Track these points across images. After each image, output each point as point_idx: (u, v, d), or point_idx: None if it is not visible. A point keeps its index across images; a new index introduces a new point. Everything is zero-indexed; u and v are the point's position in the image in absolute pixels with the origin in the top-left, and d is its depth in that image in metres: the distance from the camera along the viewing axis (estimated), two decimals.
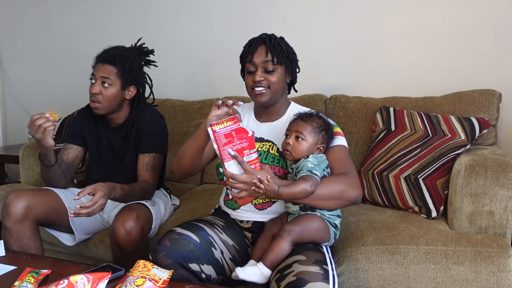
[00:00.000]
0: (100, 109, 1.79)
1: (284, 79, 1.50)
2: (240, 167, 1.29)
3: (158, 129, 1.85)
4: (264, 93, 1.46)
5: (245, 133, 1.29)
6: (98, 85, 1.76)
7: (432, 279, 1.44)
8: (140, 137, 1.83)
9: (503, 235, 1.54)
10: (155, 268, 1.20)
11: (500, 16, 2.08)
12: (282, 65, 1.47)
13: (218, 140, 1.28)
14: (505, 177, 1.54)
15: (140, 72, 1.88)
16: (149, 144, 1.81)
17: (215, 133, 1.27)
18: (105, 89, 1.75)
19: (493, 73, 2.11)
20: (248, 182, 1.27)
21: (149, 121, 1.84)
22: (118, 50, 1.79)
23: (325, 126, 1.41)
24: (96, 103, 1.77)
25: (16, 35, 3.29)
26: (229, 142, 1.28)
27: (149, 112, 1.88)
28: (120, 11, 2.91)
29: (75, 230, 1.74)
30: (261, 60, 1.46)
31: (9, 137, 3.42)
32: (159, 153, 1.83)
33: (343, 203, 1.37)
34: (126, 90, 1.81)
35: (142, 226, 1.60)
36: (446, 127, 1.82)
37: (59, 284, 1.08)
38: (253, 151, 1.30)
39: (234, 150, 1.28)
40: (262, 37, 1.50)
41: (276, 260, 1.27)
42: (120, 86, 1.78)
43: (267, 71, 1.46)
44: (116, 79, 1.76)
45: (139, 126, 1.84)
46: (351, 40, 2.36)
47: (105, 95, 1.76)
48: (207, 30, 2.69)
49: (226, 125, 1.28)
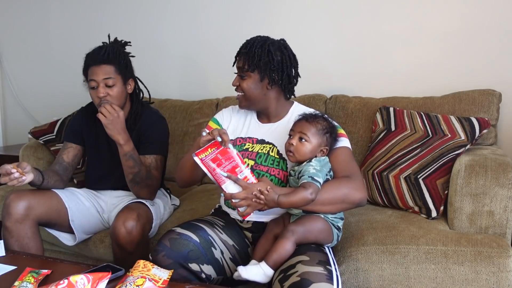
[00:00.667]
0: None
1: (259, 85, 1.48)
2: (237, 186, 1.31)
3: (160, 130, 1.85)
4: (240, 99, 1.53)
5: (230, 153, 1.32)
6: (103, 87, 1.71)
7: (432, 279, 1.44)
8: (141, 138, 1.82)
9: (503, 235, 1.54)
10: (155, 268, 1.20)
11: (500, 16, 2.08)
12: (255, 72, 1.47)
13: (207, 166, 1.31)
14: (505, 177, 1.54)
15: (131, 64, 1.86)
16: (151, 145, 1.80)
17: (203, 160, 1.31)
18: (111, 89, 1.73)
19: (493, 73, 2.10)
20: (249, 197, 1.29)
21: (151, 122, 1.84)
22: (106, 48, 1.76)
23: (330, 128, 1.40)
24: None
25: (16, 35, 3.29)
26: (218, 165, 1.31)
27: (151, 113, 1.88)
28: (120, 11, 2.91)
29: (75, 230, 1.74)
30: (238, 66, 1.51)
31: (9, 137, 3.41)
32: (161, 155, 1.83)
33: (347, 207, 1.37)
34: (127, 85, 1.81)
35: (143, 225, 1.60)
36: (446, 127, 1.82)
37: (59, 284, 1.08)
38: (245, 167, 1.33)
39: (226, 171, 1.31)
40: (244, 44, 1.52)
41: (279, 260, 1.28)
42: (122, 82, 1.77)
43: (242, 77, 1.49)
44: (117, 76, 1.74)
45: (141, 127, 1.82)
46: (351, 40, 2.36)
47: (113, 95, 1.73)
48: (206, 30, 2.69)
49: (211, 151, 1.31)
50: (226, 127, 1.61)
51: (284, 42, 1.54)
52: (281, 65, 1.49)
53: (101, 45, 1.80)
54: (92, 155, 1.92)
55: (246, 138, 1.56)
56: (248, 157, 1.49)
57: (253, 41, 1.49)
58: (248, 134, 1.56)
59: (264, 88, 1.50)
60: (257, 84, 1.48)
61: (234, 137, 1.58)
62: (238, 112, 1.64)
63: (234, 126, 1.61)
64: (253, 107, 1.54)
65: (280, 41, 1.53)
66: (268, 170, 1.46)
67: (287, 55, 1.50)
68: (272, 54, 1.47)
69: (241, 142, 1.55)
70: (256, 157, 1.48)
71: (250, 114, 1.61)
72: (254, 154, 1.49)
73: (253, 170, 1.45)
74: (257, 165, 1.47)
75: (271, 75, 1.48)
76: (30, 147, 2.37)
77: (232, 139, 1.59)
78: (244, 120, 1.60)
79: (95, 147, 1.90)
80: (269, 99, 1.52)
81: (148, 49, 2.84)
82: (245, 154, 1.50)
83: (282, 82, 1.50)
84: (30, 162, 2.33)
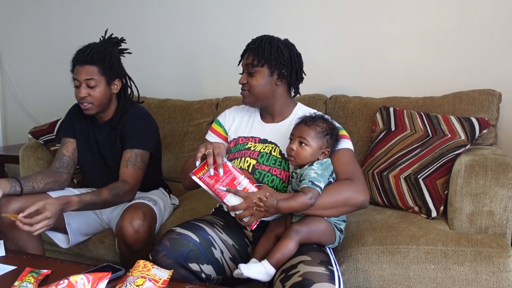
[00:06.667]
0: (91, 109, 1.76)
1: (268, 81, 1.49)
2: (238, 197, 1.32)
3: (142, 126, 1.81)
4: (246, 96, 1.52)
5: (226, 167, 1.33)
6: (84, 88, 1.72)
7: (432, 279, 1.44)
8: (123, 134, 1.79)
9: (503, 235, 1.54)
10: (155, 268, 1.20)
11: (500, 16, 2.08)
12: (264, 67, 1.47)
13: (206, 184, 1.33)
14: (505, 177, 1.54)
15: (120, 64, 1.84)
16: (131, 140, 1.76)
17: (201, 179, 1.34)
18: (92, 90, 1.72)
19: (493, 73, 2.10)
20: (250, 206, 1.30)
21: (133, 118, 1.81)
22: (93, 48, 1.75)
23: (330, 130, 1.40)
24: (87, 104, 1.74)
25: (16, 35, 3.28)
26: (217, 181, 1.33)
27: (135, 110, 1.85)
28: (120, 11, 2.90)
29: (71, 233, 1.73)
30: (245, 63, 1.51)
31: (9, 137, 3.41)
32: (143, 149, 1.76)
33: (349, 210, 1.38)
34: (112, 85, 1.79)
35: (150, 223, 1.61)
36: (446, 127, 1.82)
37: (59, 284, 1.08)
38: (242, 179, 1.34)
39: (224, 186, 1.32)
40: (251, 41, 1.52)
41: (282, 259, 1.28)
42: (105, 83, 1.75)
43: (250, 74, 1.49)
44: (100, 76, 1.73)
45: (124, 124, 1.80)
46: (351, 40, 2.36)
47: (94, 96, 1.73)
48: (206, 30, 2.69)
49: (207, 169, 1.33)
50: (229, 127, 1.62)
51: (290, 42, 1.57)
52: (290, 61, 1.51)
53: (90, 43, 1.80)
54: (83, 153, 1.88)
55: (249, 137, 1.56)
56: (250, 156, 1.49)
57: (261, 38, 1.51)
58: (251, 133, 1.57)
59: (273, 84, 1.50)
60: (266, 80, 1.48)
61: (237, 136, 1.59)
62: (241, 112, 1.64)
63: (237, 125, 1.61)
64: (259, 103, 1.53)
65: (286, 40, 1.56)
66: (270, 170, 1.46)
67: (294, 52, 1.53)
68: (282, 49, 1.49)
69: (244, 141, 1.55)
70: (258, 157, 1.48)
71: (254, 114, 1.61)
72: (256, 153, 1.49)
73: (254, 169, 1.46)
74: (259, 165, 1.47)
75: (280, 70, 1.49)
76: (30, 147, 2.37)
77: (234, 138, 1.59)
78: (247, 120, 1.61)
79: (86, 145, 1.88)
80: (276, 96, 1.53)
81: (148, 49, 2.84)
82: (247, 153, 1.50)
83: (291, 77, 1.52)
84: (30, 162, 2.33)
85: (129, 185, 1.69)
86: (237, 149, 1.54)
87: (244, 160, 1.49)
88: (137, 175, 1.73)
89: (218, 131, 1.63)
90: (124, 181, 1.70)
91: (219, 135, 1.63)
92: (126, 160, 1.73)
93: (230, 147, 1.57)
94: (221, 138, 1.62)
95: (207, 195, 2.14)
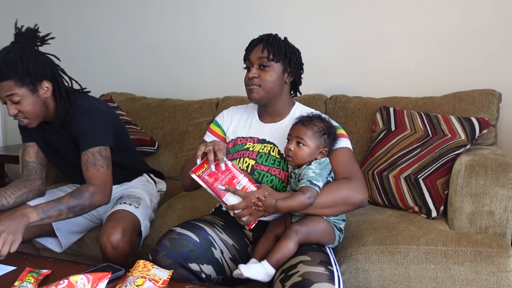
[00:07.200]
0: (31, 123, 1.62)
1: (280, 77, 1.48)
2: (237, 196, 1.32)
3: (89, 121, 1.61)
4: (256, 90, 1.47)
5: (225, 165, 1.33)
6: (10, 105, 1.54)
7: (432, 279, 1.44)
8: (72, 135, 1.63)
9: (503, 235, 1.54)
10: (155, 268, 1.20)
11: (500, 16, 2.08)
12: (279, 63, 1.46)
13: (206, 182, 1.33)
14: (505, 177, 1.54)
15: (41, 64, 1.59)
16: (83, 140, 1.60)
17: (200, 177, 1.33)
18: (19, 105, 1.55)
19: (493, 73, 2.11)
20: (249, 205, 1.30)
21: (77, 116, 1.62)
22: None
23: (327, 129, 1.40)
24: (24, 120, 1.59)
25: None
26: (216, 180, 1.33)
27: (77, 106, 1.64)
28: (119, 11, 2.90)
29: (61, 237, 1.70)
30: (257, 56, 1.46)
31: (9, 137, 3.41)
32: (99, 146, 1.59)
33: (348, 209, 1.37)
34: (39, 91, 1.58)
35: (130, 237, 1.54)
36: (446, 127, 1.82)
37: (59, 284, 1.08)
38: (241, 178, 1.33)
39: (223, 184, 1.32)
40: (261, 36, 1.50)
41: (282, 259, 1.28)
42: (30, 93, 1.56)
43: (262, 68, 1.46)
44: (20, 89, 1.53)
45: (69, 124, 1.63)
46: (351, 40, 2.36)
47: (24, 111, 1.56)
48: (206, 30, 2.69)
49: (207, 167, 1.33)
50: (227, 128, 1.61)
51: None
52: (299, 60, 1.52)
53: None
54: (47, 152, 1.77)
55: (247, 138, 1.55)
56: (249, 157, 1.49)
57: (269, 35, 1.50)
58: (249, 133, 1.56)
59: (283, 81, 1.50)
60: (278, 76, 1.47)
61: (235, 136, 1.58)
62: (239, 112, 1.63)
63: (235, 125, 1.61)
64: (266, 100, 1.50)
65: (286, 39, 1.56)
66: (269, 170, 1.46)
67: (298, 51, 1.53)
68: (293, 48, 1.50)
69: (242, 142, 1.55)
70: (257, 157, 1.48)
71: (252, 114, 1.61)
72: (255, 153, 1.49)
73: (253, 170, 1.45)
74: (257, 165, 1.47)
75: (293, 68, 1.50)
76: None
77: (233, 139, 1.59)
78: (245, 120, 1.60)
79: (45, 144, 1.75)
80: (282, 94, 1.52)
81: (148, 48, 2.84)
82: (246, 153, 1.50)
83: (298, 77, 1.54)
84: None
85: (94, 187, 1.55)
86: (235, 150, 1.54)
87: (243, 160, 1.48)
88: (101, 174, 1.58)
89: (216, 132, 1.63)
90: (88, 183, 1.57)
91: (218, 136, 1.62)
92: (85, 163, 1.58)
93: (229, 148, 1.57)
94: (220, 139, 1.61)
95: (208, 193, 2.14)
